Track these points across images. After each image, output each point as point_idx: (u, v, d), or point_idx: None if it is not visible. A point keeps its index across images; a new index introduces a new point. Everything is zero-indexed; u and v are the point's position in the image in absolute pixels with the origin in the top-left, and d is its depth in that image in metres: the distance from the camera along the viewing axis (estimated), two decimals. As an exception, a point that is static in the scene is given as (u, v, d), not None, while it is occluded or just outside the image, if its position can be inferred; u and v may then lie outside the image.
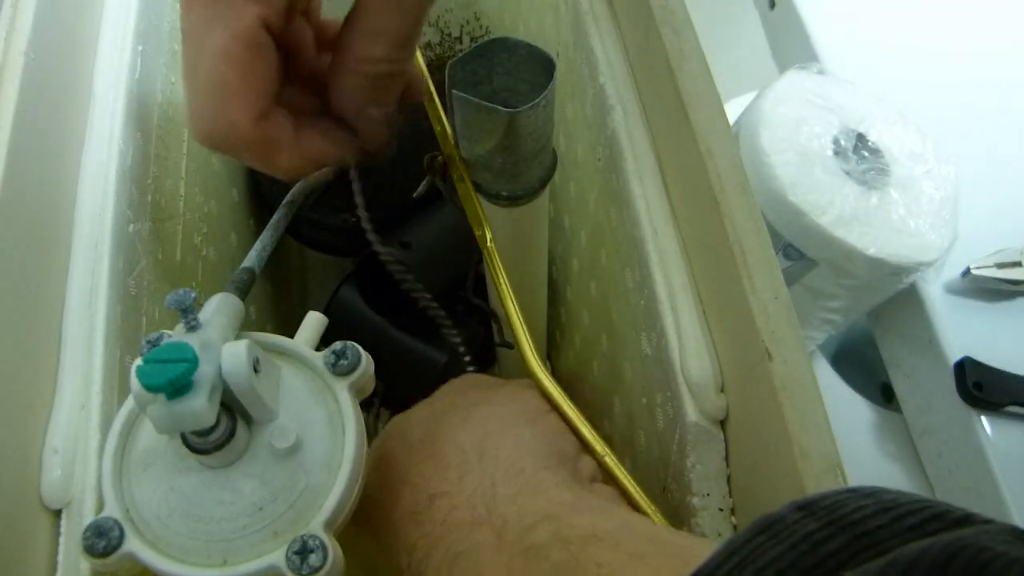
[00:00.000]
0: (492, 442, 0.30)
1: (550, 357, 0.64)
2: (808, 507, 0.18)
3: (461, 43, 0.77)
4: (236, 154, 0.29)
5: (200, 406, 0.24)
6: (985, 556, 0.15)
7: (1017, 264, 0.64)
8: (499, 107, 0.32)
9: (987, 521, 0.17)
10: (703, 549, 0.22)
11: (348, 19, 0.30)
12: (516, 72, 0.36)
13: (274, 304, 0.61)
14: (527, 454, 0.29)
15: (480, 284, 0.54)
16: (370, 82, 0.31)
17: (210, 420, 0.24)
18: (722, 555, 0.18)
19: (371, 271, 0.60)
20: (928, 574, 0.15)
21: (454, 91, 0.33)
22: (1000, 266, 0.65)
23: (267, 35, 0.28)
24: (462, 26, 0.76)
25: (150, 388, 0.23)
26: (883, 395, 0.75)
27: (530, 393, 0.34)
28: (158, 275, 0.40)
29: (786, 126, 0.62)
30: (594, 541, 0.24)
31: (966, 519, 0.17)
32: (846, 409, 0.70)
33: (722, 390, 0.33)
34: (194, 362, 0.24)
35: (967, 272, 0.65)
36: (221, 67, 0.27)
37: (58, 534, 0.30)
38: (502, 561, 0.25)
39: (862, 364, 0.78)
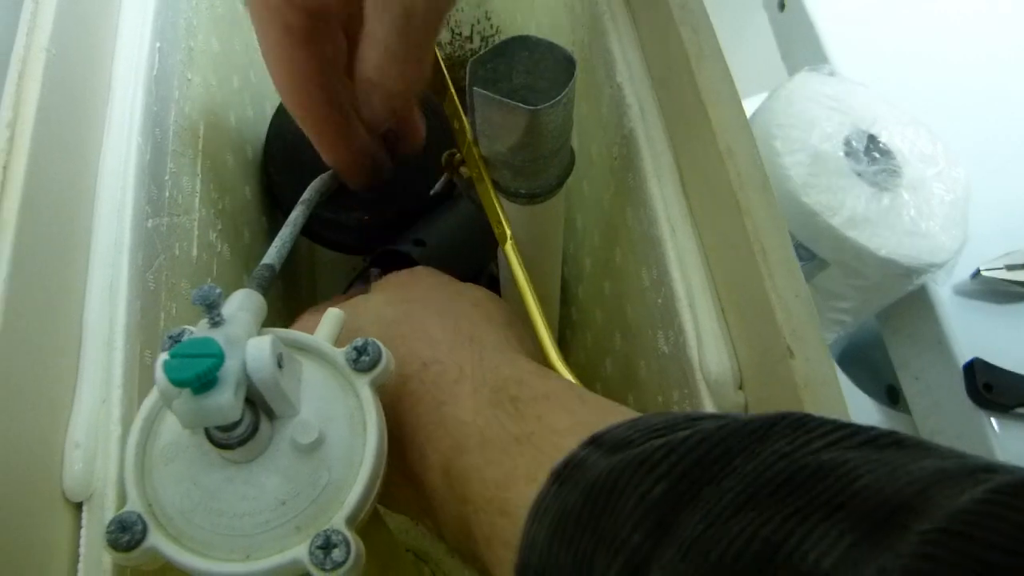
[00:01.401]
0: (479, 331, 0.33)
1: (560, 356, 0.64)
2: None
3: (472, 42, 0.77)
4: None
5: (227, 401, 0.24)
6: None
7: (1027, 265, 0.64)
8: (521, 104, 0.33)
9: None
10: (627, 414, 0.26)
11: None
12: (536, 70, 0.36)
13: (284, 302, 0.62)
14: (508, 344, 0.33)
15: (492, 284, 0.54)
16: (361, 88, 0.35)
17: (236, 415, 0.24)
18: (628, 425, 0.23)
19: (383, 269, 0.60)
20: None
21: (475, 88, 0.33)
22: (1010, 268, 0.65)
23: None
24: (472, 25, 0.76)
25: (177, 383, 0.23)
26: (888, 397, 0.75)
27: (498, 301, 0.37)
28: (175, 271, 0.40)
29: (798, 127, 0.62)
30: (543, 399, 0.28)
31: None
32: (855, 410, 0.70)
33: (740, 387, 0.33)
34: (220, 357, 0.24)
35: (977, 273, 0.65)
36: None
37: (79, 527, 0.30)
38: (476, 408, 0.29)
39: (867, 366, 0.78)
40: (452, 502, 0.29)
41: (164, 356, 0.24)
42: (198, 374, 0.23)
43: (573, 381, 0.32)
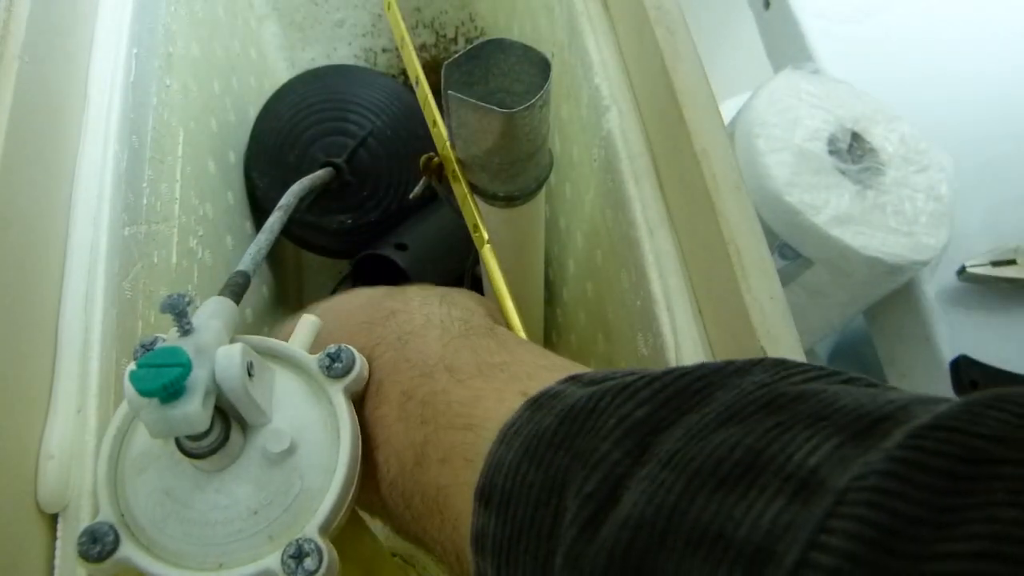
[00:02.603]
0: (451, 296, 0.34)
1: (547, 358, 0.64)
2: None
3: (456, 44, 0.77)
4: None
5: (194, 410, 0.24)
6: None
7: (1012, 262, 0.64)
8: (495, 107, 0.33)
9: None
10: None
11: None
12: (512, 73, 0.36)
13: (271, 306, 0.61)
14: (480, 311, 0.33)
15: (476, 285, 0.54)
16: None
17: (204, 424, 0.24)
18: (607, 370, 0.24)
19: (367, 273, 0.60)
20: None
21: (450, 92, 0.33)
22: (995, 264, 0.65)
23: None
24: (457, 27, 0.76)
25: (144, 393, 0.23)
26: (879, 394, 0.75)
27: (468, 291, 0.38)
28: (154, 278, 0.40)
29: (781, 126, 0.62)
30: (516, 342, 0.29)
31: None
32: (843, 408, 0.70)
33: (718, 390, 0.33)
34: (188, 366, 0.24)
35: (962, 270, 0.65)
36: None
37: (55, 538, 0.29)
38: (444, 341, 0.29)
39: (857, 364, 0.78)
40: (407, 429, 0.28)
41: (132, 366, 0.24)
42: (164, 384, 0.23)
43: None
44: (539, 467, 0.21)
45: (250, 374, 0.26)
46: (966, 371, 0.61)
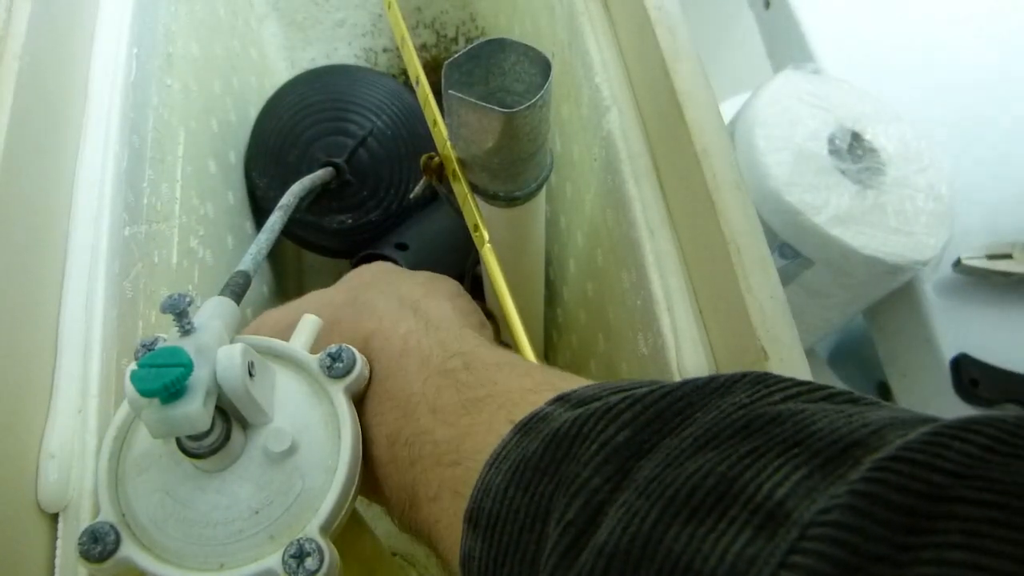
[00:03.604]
0: (423, 303, 0.33)
1: (547, 357, 0.64)
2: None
3: (457, 44, 0.77)
4: None
5: (195, 410, 0.24)
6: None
7: (1008, 256, 0.64)
8: (495, 107, 0.33)
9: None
10: (584, 381, 0.26)
11: None
12: (512, 73, 0.36)
13: (272, 306, 0.61)
14: (451, 316, 0.33)
15: (477, 285, 0.54)
16: None
17: (205, 424, 0.24)
18: (595, 385, 0.24)
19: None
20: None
21: (450, 91, 0.33)
22: (991, 257, 0.65)
23: None
24: (458, 27, 0.76)
25: (144, 393, 0.23)
26: (879, 393, 0.75)
27: (446, 278, 0.38)
28: (154, 278, 0.40)
29: (781, 125, 0.62)
30: (496, 367, 0.29)
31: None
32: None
33: (718, 390, 0.33)
34: (189, 366, 0.24)
35: (958, 262, 0.65)
36: None
37: (55, 538, 0.29)
38: (422, 377, 0.29)
39: (858, 363, 0.78)
40: (398, 471, 0.28)
41: (133, 366, 0.24)
42: (165, 384, 0.23)
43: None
44: (525, 492, 0.22)
45: (251, 374, 0.26)
46: (966, 369, 0.61)
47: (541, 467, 0.22)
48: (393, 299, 0.34)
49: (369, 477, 0.30)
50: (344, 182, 0.57)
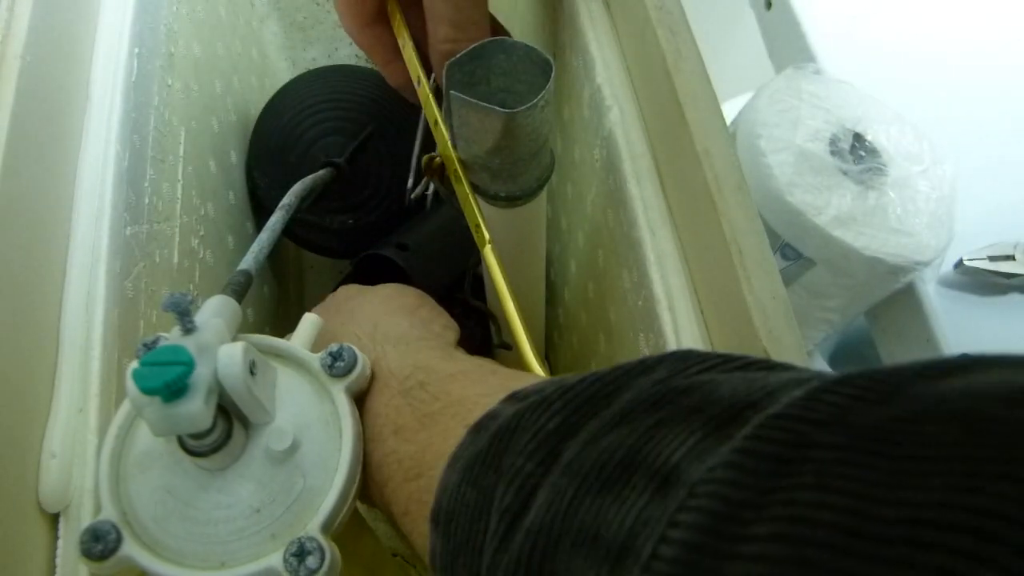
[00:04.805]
0: (381, 327, 0.35)
1: (547, 358, 0.64)
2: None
3: (458, 44, 0.77)
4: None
5: (196, 409, 0.24)
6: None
7: (1010, 257, 0.64)
8: (496, 108, 0.32)
9: None
10: (532, 380, 0.27)
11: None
12: (513, 73, 0.36)
13: (272, 306, 0.61)
14: (409, 334, 0.35)
15: (478, 285, 0.54)
16: (441, 57, 0.38)
17: (206, 423, 0.24)
18: (544, 381, 0.25)
19: (368, 272, 0.60)
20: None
21: (452, 92, 0.33)
22: (993, 259, 0.65)
23: None
24: (459, 27, 0.76)
25: (146, 391, 0.23)
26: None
27: (407, 291, 0.40)
28: (155, 278, 0.40)
29: (783, 126, 0.62)
30: (450, 379, 0.30)
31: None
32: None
33: (720, 390, 0.33)
34: (190, 365, 0.24)
35: (959, 263, 0.64)
36: None
37: (56, 537, 0.29)
38: (386, 400, 0.30)
39: (859, 364, 0.78)
40: (378, 493, 0.29)
41: (134, 364, 0.24)
42: (167, 382, 0.23)
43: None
44: (474, 487, 0.23)
45: (252, 372, 0.26)
46: (967, 371, 0.61)
47: (487, 461, 0.23)
48: (352, 326, 0.35)
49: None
50: (345, 182, 0.57)
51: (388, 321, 0.35)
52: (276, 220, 0.39)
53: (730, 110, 0.69)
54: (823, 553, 0.13)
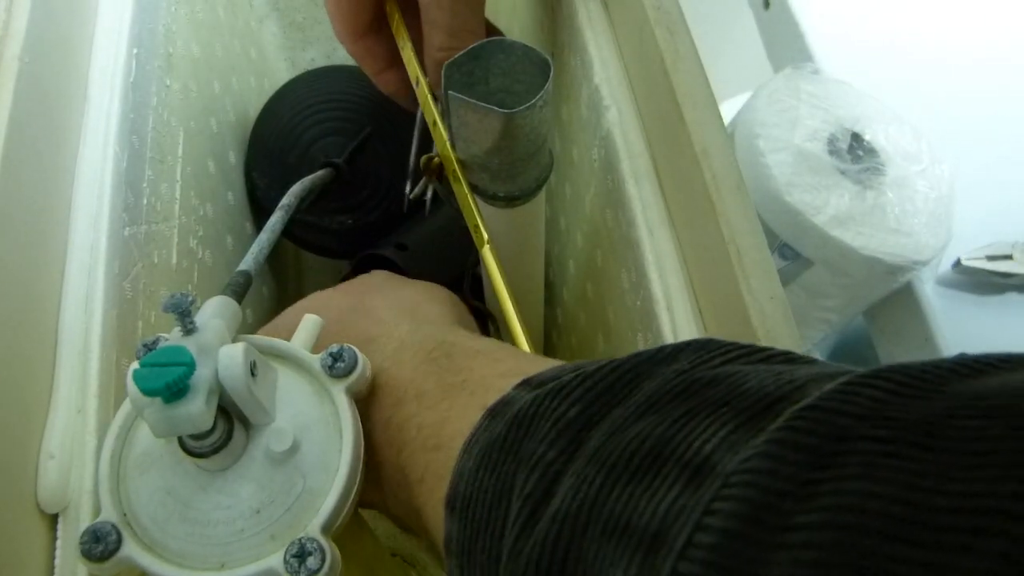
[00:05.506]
0: (420, 308, 0.36)
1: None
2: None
3: (456, 45, 0.77)
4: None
5: (197, 410, 0.24)
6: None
7: (1008, 257, 0.64)
8: (495, 108, 0.33)
9: None
10: (546, 364, 0.28)
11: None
12: (512, 73, 0.36)
13: (271, 306, 0.61)
14: (445, 318, 0.36)
15: (477, 285, 0.54)
16: (436, 65, 0.38)
17: (207, 423, 0.24)
18: (558, 367, 0.26)
19: (367, 272, 0.60)
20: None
21: (450, 92, 0.33)
22: (991, 258, 0.65)
23: None
24: (457, 28, 0.76)
25: (147, 392, 0.23)
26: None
27: (445, 289, 0.41)
28: (154, 278, 0.40)
29: (781, 126, 0.62)
30: (476, 354, 0.30)
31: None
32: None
33: (719, 390, 0.33)
34: (191, 366, 0.24)
35: (957, 263, 0.65)
36: None
37: (55, 539, 0.29)
38: (412, 365, 0.31)
39: (858, 363, 0.78)
40: (391, 454, 0.30)
41: (135, 365, 0.24)
42: (168, 383, 0.23)
43: None
44: (492, 473, 0.23)
45: (253, 373, 0.26)
46: (965, 371, 0.61)
47: (505, 447, 0.23)
48: (394, 304, 0.36)
49: (369, 471, 0.30)
50: (344, 183, 0.57)
51: (427, 306, 0.37)
52: (275, 220, 0.39)
53: (728, 110, 0.69)
54: (875, 540, 0.13)
